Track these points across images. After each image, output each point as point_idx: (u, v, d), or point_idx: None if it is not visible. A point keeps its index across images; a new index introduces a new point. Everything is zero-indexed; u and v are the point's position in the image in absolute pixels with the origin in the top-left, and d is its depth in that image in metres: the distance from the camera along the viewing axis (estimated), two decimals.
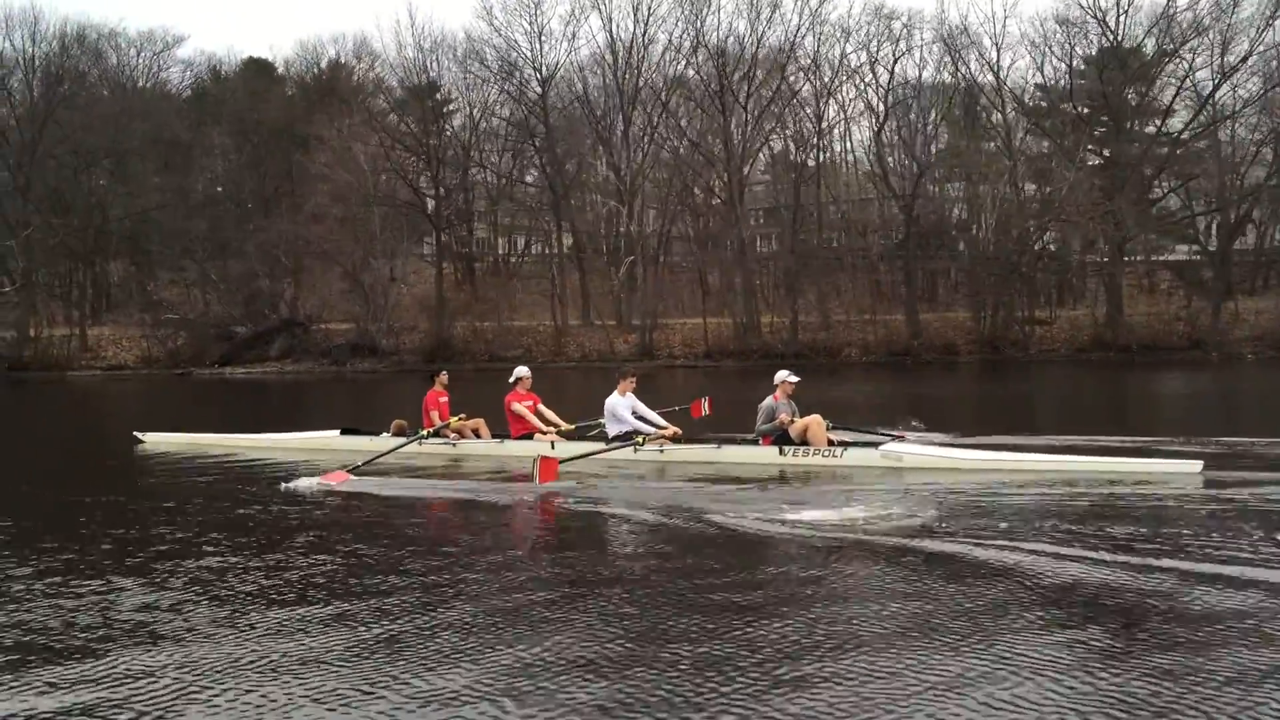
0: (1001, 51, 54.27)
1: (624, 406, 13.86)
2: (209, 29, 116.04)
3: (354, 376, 47.83)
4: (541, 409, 14.48)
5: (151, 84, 67.31)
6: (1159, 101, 54.12)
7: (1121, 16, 51.79)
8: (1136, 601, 6.35)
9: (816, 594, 6.63)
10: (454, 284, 59.92)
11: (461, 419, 14.73)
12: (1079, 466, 11.71)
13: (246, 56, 69.19)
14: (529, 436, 14.08)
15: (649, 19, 56.71)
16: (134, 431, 17.10)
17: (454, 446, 14.56)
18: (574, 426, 14.45)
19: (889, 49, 56.01)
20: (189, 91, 68.95)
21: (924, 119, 58.22)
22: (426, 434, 14.60)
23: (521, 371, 14.79)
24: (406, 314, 55.76)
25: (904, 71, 57.16)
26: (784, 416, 13.03)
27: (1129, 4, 51.70)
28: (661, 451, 13.28)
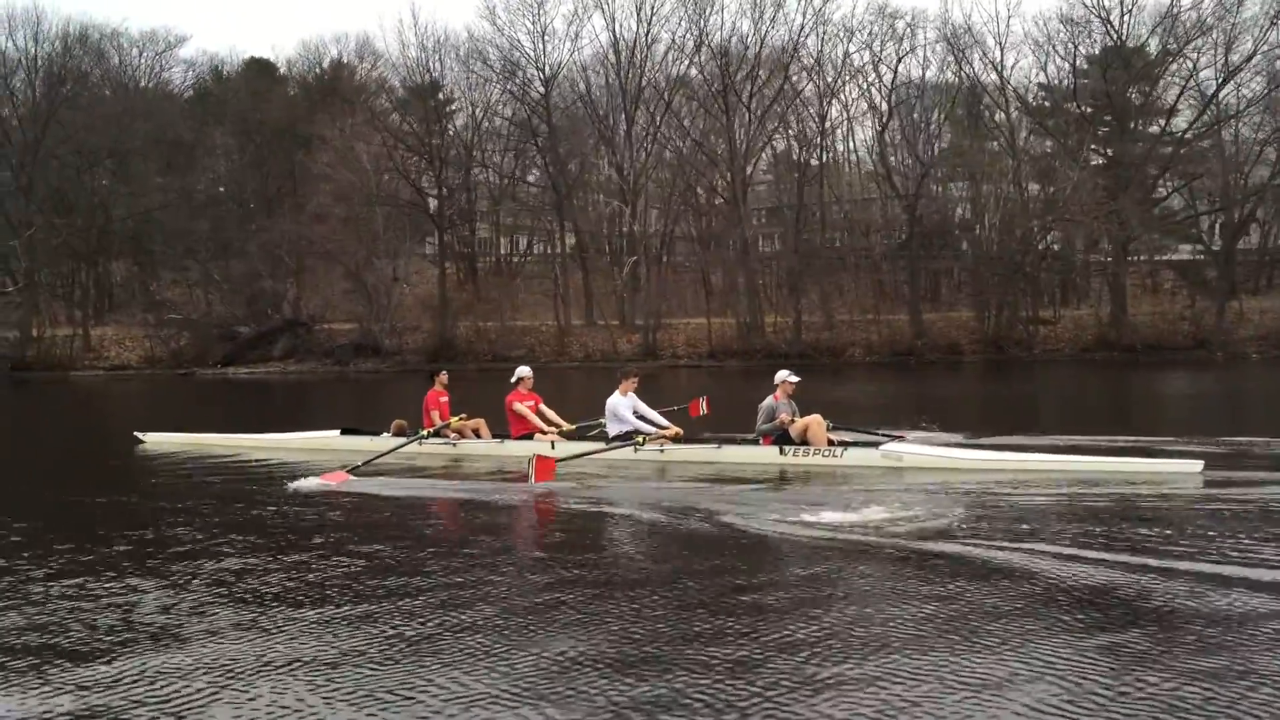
0: (1005, 51, 54.26)
1: (625, 406, 13.83)
2: (211, 29, 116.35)
3: (357, 376, 47.82)
4: (543, 409, 14.45)
5: (154, 84, 67.29)
6: (1163, 101, 54.08)
7: (1125, 16, 51.93)
8: (1136, 601, 6.32)
9: (836, 596, 6.60)
10: (456, 284, 59.87)
11: (462, 419, 14.72)
12: (1079, 466, 11.68)
13: (249, 56, 69.31)
14: (529, 436, 14.05)
15: (652, 18, 56.67)
16: (134, 432, 17.11)
17: (454, 446, 14.55)
18: (575, 426, 14.43)
19: (892, 48, 56.06)
20: (191, 92, 68.94)
21: (927, 118, 58.11)
22: (427, 434, 14.59)
23: (523, 371, 14.78)
24: (409, 314, 55.72)
25: (907, 71, 57.20)
26: (784, 416, 13.00)
27: (1133, 3, 51.62)
28: (662, 451, 13.25)
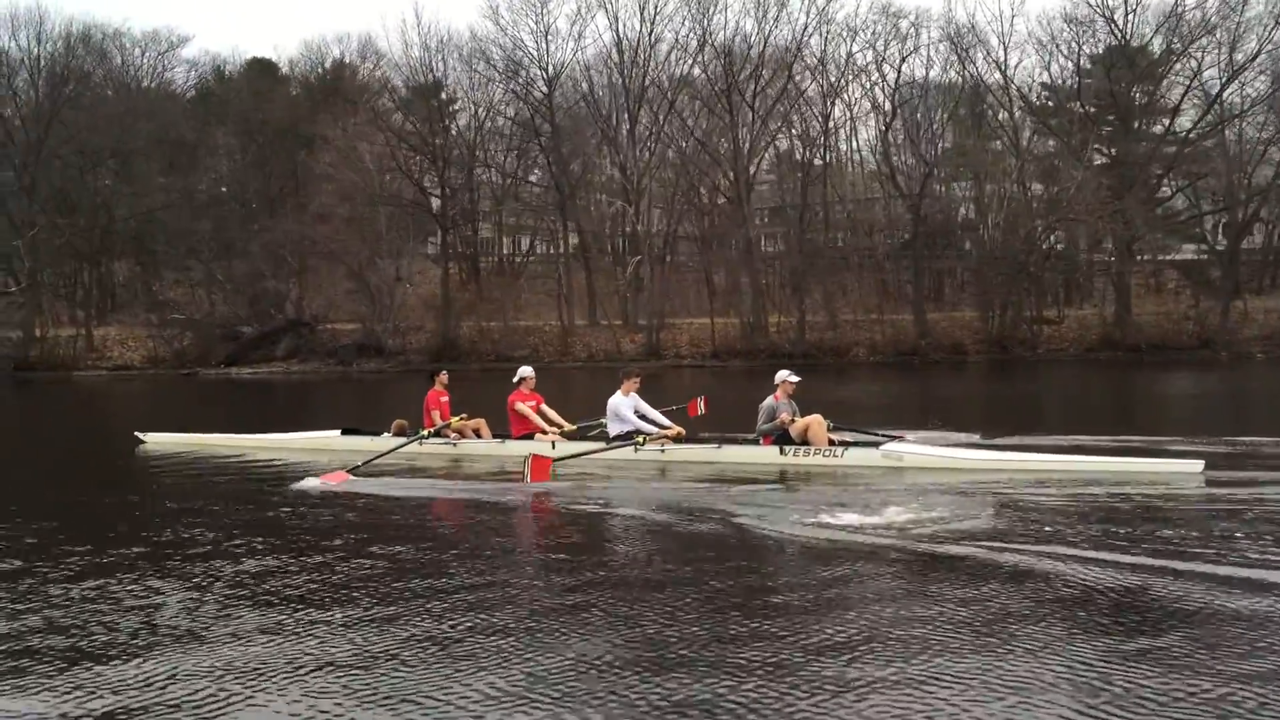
0: (1008, 50, 54.22)
1: (627, 406, 13.82)
2: (213, 29, 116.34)
3: (360, 376, 47.79)
4: (544, 409, 14.43)
5: (156, 84, 67.21)
6: (1166, 101, 53.96)
7: (1130, 15, 51.81)
8: (1136, 601, 6.31)
9: (843, 598, 6.58)
10: (459, 284, 59.84)
11: (462, 419, 14.71)
12: (1080, 466, 11.65)
13: (250, 57, 69.29)
14: (530, 436, 14.03)
15: (655, 18, 56.61)
16: (135, 432, 17.09)
17: (455, 446, 14.53)
18: (576, 427, 14.41)
19: (896, 48, 55.91)
20: (193, 92, 68.86)
21: (930, 118, 58.00)
22: (427, 434, 14.57)
23: (525, 372, 14.77)
24: (413, 314, 55.66)
25: (911, 71, 57.08)
26: (784, 416, 12.96)
27: (1137, 3, 51.56)
28: (663, 451, 13.22)
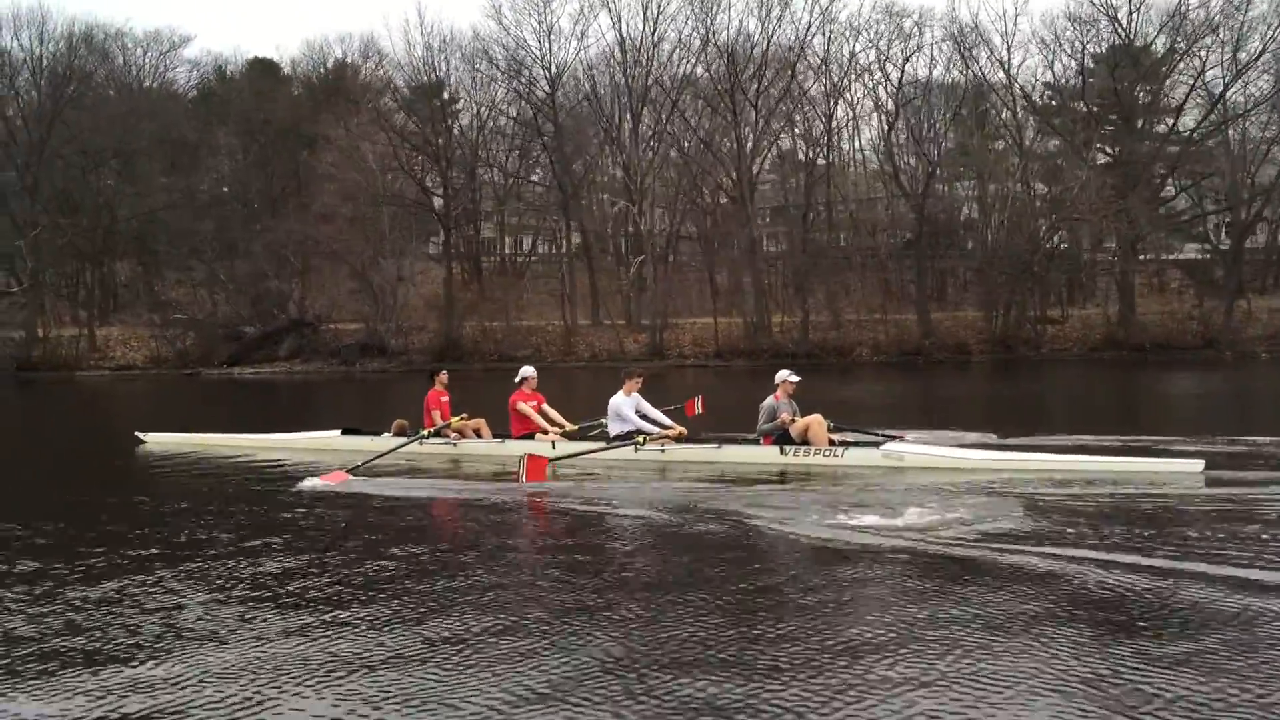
0: (1012, 50, 54.14)
1: (628, 406, 13.81)
2: (215, 29, 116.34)
3: (363, 376, 47.76)
4: (546, 409, 14.42)
5: (158, 84, 67.22)
6: (1170, 100, 53.84)
7: (1133, 14, 51.67)
8: (1136, 601, 6.29)
9: (851, 599, 6.56)
10: (461, 284, 59.78)
11: (463, 419, 14.70)
12: (1080, 466, 11.63)
13: (252, 56, 69.25)
14: (530, 436, 14.01)
15: (658, 17, 56.48)
16: (135, 432, 17.08)
17: (455, 446, 14.52)
18: (577, 427, 14.39)
19: (899, 47, 55.75)
20: (195, 92, 68.83)
21: (933, 117, 57.87)
22: (427, 434, 14.56)
23: (527, 371, 14.77)
24: (415, 314, 55.55)
25: (914, 70, 56.90)
26: (785, 416, 12.93)
27: (1140, 2, 51.40)
28: (663, 451, 13.20)
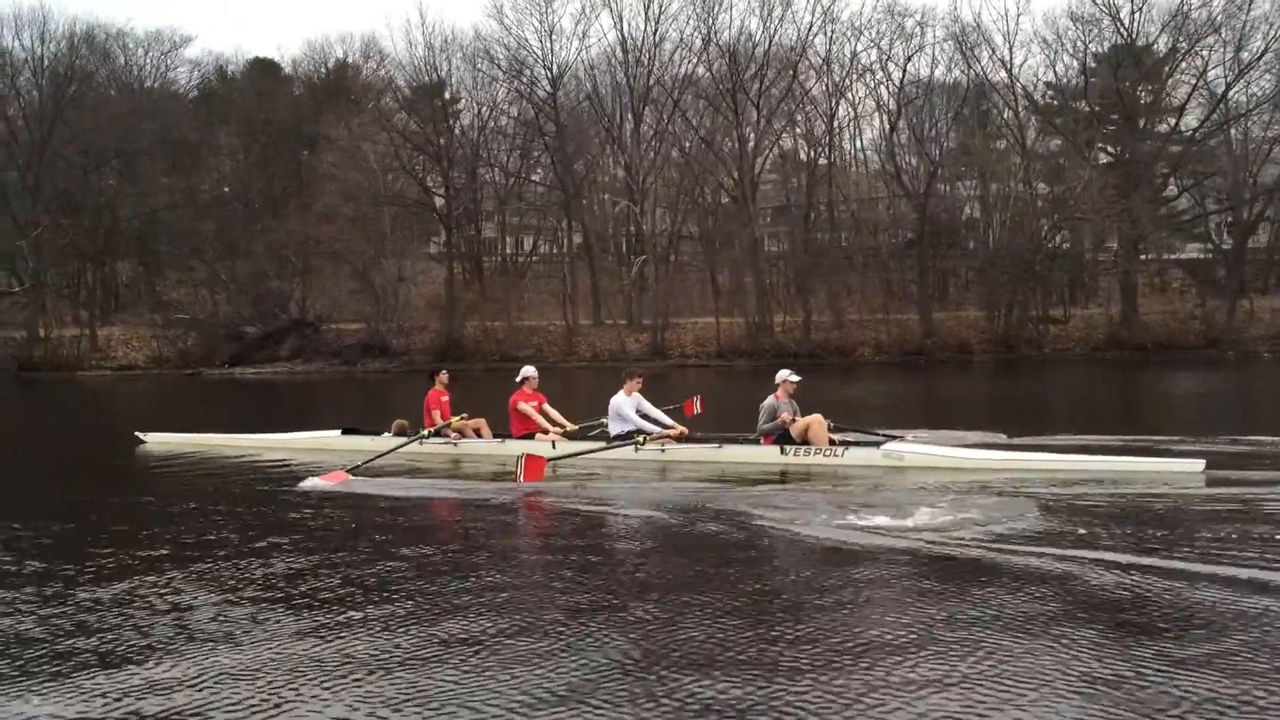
0: (1014, 49, 54.02)
1: (629, 406, 13.81)
2: (216, 29, 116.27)
3: (365, 376, 47.71)
4: (547, 409, 14.42)
5: (159, 84, 67.03)
6: (1172, 99, 53.71)
7: (1135, 13, 51.53)
8: (1136, 602, 6.28)
9: (860, 599, 6.53)
10: (463, 284, 59.66)
11: (463, 419, 14.70)
12: (1081, 466, 11.61)
13: (253, 56, 69.05)
14: (530, 436, 14.00)
15: (660, 17, 56.41)
16: (135, 432, 17.06)
17: (455, 446, 14.51)
18: (578, 426, 14.39)
19: (901, 47, 55.64)
20: (195, 92, 68.68)
21: (935, 117, 57.75)
22: (428, 434, 14.56)
23: (528, 371, 14.77)
24: (417, 314, 55.45)
25: (916, 70, 56.81)
26: (785, 416, 12.91)
27: (1143, 1, 51.34)
28: (663, 451, 13.19)
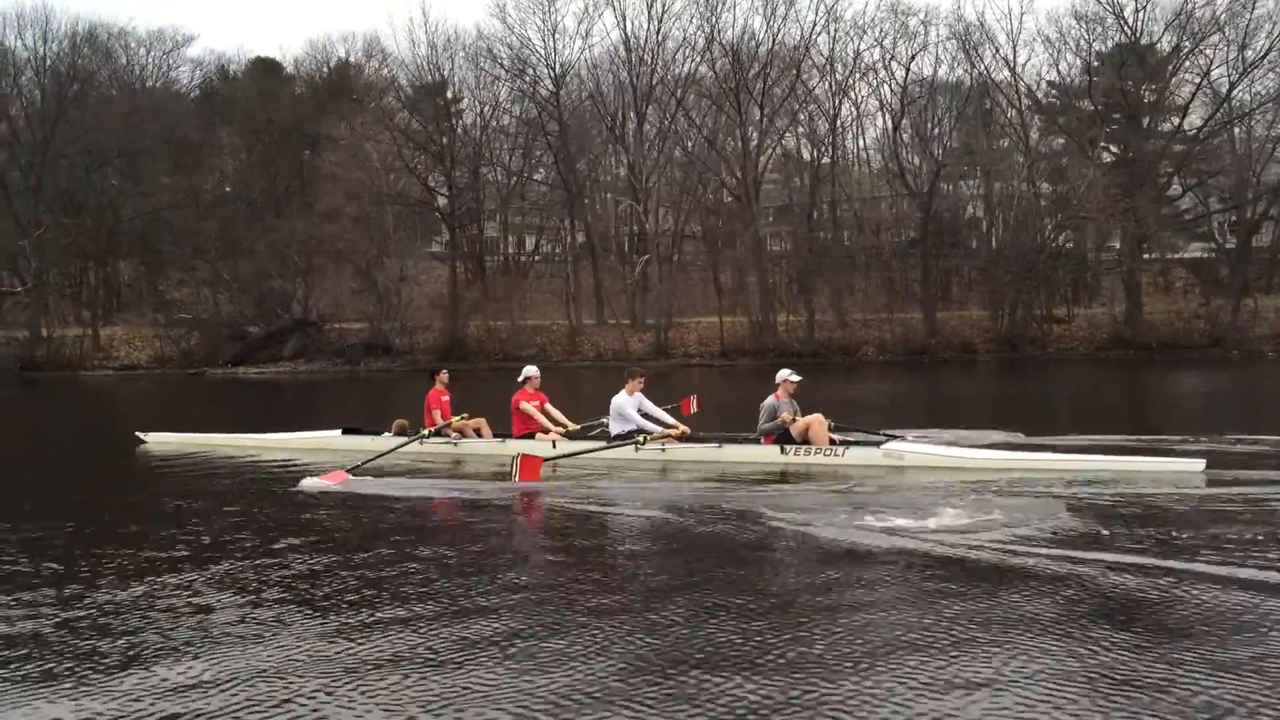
0: (1017, 48, 53.89)
1: (631, 405, 13.80)
2: (218, 28, 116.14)
3: (368, 376, 47.66)
4: (549, 408, 14.42)
5: (161, 84, 67.01)
6: (1176, 98, 53.59)
7: (1139, 12, 51.43)
8: (1135, 602, 6.28)
9: (863, 601, 6.53)
10: (465, 283, 59.59)
11: (463, 418, 14.69)
12: (1081, 465, 11.59)
13: (254, 56, 69.10)
14: (531, 436, 13.99)
15: (663, 16, 56.41)
16: (136, 432, 17.04)
17: (455, 446, 14.48)
18: (580, 426, 14.39)
19: (904, 46, 55.55)
20: (197, 91, 68.68)
21: (938, 116, 57.62)
22: (428, 433, 14.54)
23: (530, 371, 14.76)
24: (420, 313, 55.36)
25: (920, 69, 56.70)
26: (785, 415, 12.89)
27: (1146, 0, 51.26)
28: (663, 450, 13.17)
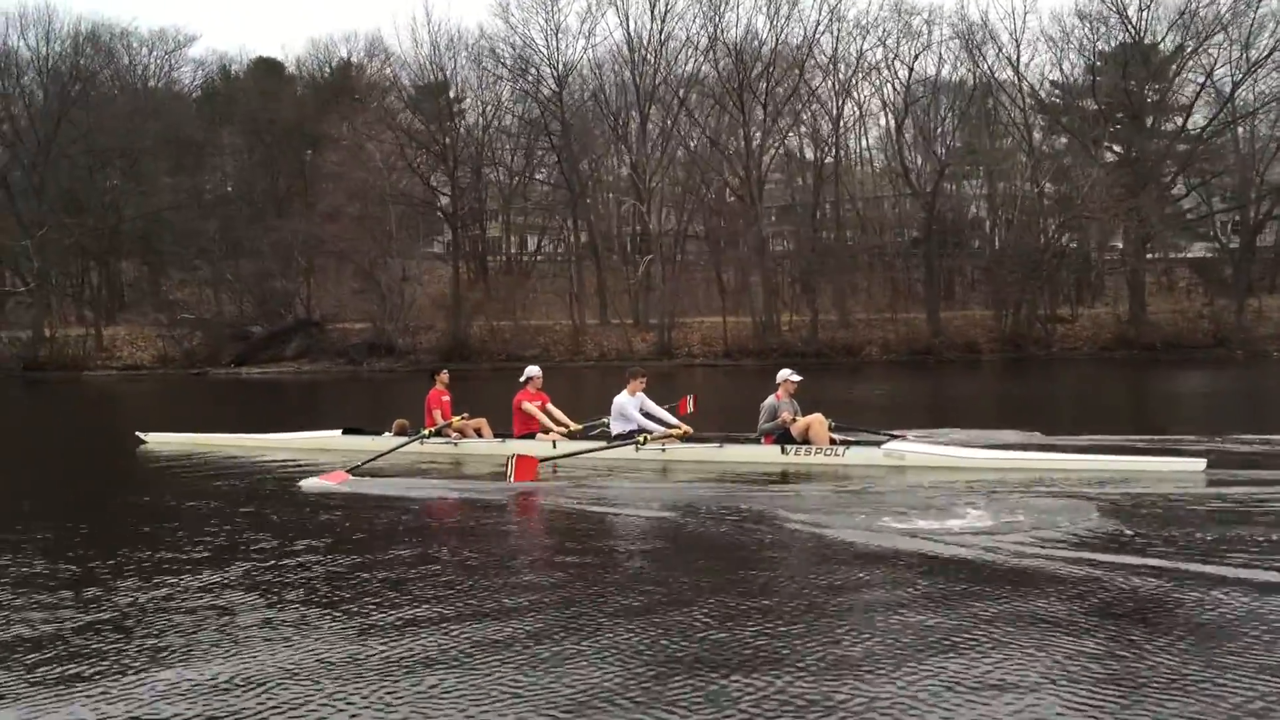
0: (1021, 47, 53.78)
1: (633, 406, 13.79)
2: (220, 28, 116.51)
3: (371, 376, 47.62)
4: (550, 408, 14.40)
5: (163, 84, 67.06)
6: (1179, 98, 53.49)
7: (1143, 11, 51.30)
8: (1135, 601, 6.26)
9: (865, 601, 6.50)
10: (468, 283, 59.56)
11: (464, 418, 14.67)
12: (1081, 465, 11.56)
13: (256, 56, 69.20)
14: (532, 435, 13.98)
15: (666, 15, 56.41)
16: (136, 432, 17.02)
17: (455, 446, 14.47)
18: (581, 426, 14.39)
19: (907, 46, 55.50)
20: (199, 91, 68.74)
21: (941, 115, 57.53)
22: (428, 433, 14.53)
23: (532, 371, 14.74)
24: (422, 313, 55.31)
25: (923, 68, 56.65)
26: (786, 415, 12.85)
27: None
28: (663, 451, 13.13)
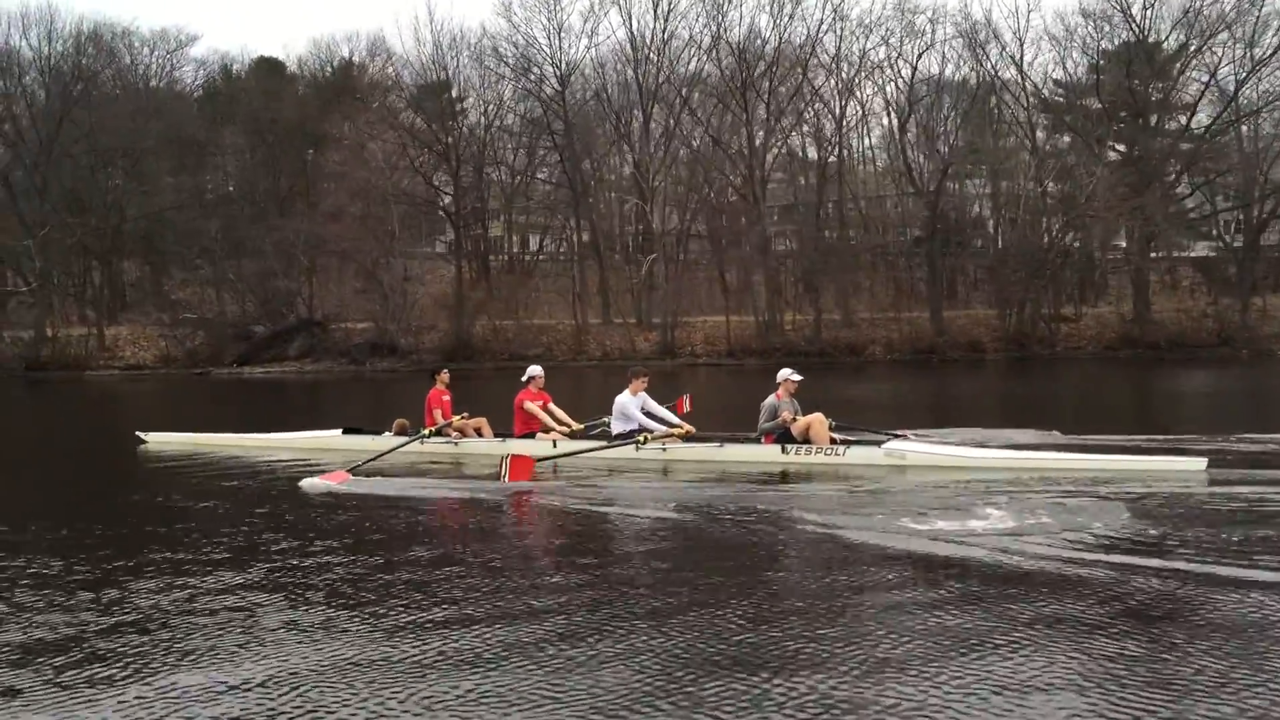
0: (1024, 46, 53.79)
1: (634, 405, 13.78)
2: (222, 28, 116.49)
3: (373, 376, 47.59)
4: (552, 408, 14.39)
5: (164, 83, 67.00)
6: (1183, 96, 53.44)
7: (1147, 10, 51.28)
8: (1135, 601, 6.25)
9: (866, 602, 6.47)
10: (470, 282, 59.53)
11: (464, 418, 14.65)
12: (1082, 465, 11.52)
13: (258, 55, 69.17)
14: (532, 435, 13.96)
15: (669, 14, 56.33)
16: (136, 432, 17.01)
17: (456, 446, 14.45)
18: (583, 426, 14.38)
19: (911, 45, 55.46)
20: (201, 91, 68.68)
21: (945, 114, 57.47)
22: (429, 433, 14.51)
23: (534, 371, 14.73)
24: (425, 313, 55.28)
25: (926, 67, 56.60)
26: (786, 415, 12.83)
27: None
28: (664, 450, 13.10)
